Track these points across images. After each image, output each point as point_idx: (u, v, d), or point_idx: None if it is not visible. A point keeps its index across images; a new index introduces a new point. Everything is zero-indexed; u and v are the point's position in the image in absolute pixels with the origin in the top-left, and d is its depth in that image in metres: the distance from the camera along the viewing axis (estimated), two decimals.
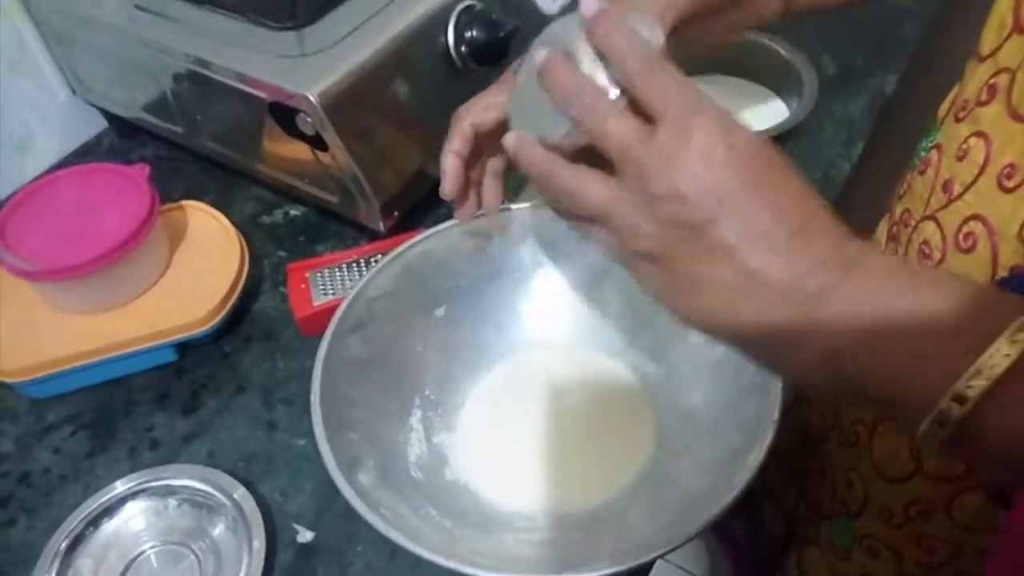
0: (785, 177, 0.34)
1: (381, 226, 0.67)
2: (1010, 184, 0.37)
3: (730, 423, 0.50)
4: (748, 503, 0.46)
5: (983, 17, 0.43)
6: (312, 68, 0.60)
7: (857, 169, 0.78)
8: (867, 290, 0.31)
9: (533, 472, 0.56)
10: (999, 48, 0.39)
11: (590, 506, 0.53)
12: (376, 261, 0.64)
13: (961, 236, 0.39)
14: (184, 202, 0.71)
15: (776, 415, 0.46)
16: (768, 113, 0.75)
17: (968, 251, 0.39)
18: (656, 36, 0.40)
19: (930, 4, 0.94)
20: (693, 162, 0.32)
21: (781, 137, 0.70)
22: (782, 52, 0.75)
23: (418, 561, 0.51)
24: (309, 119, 0.60)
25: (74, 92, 0.81)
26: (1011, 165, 0.37)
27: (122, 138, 0.84)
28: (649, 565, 0.52)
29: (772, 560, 0.61)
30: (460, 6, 0.66)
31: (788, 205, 0.33)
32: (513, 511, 0.54)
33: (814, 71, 0.73)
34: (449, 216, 0.58)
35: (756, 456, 0.45)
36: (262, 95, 0.61)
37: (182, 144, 0.77)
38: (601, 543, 0.50)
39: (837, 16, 0.93)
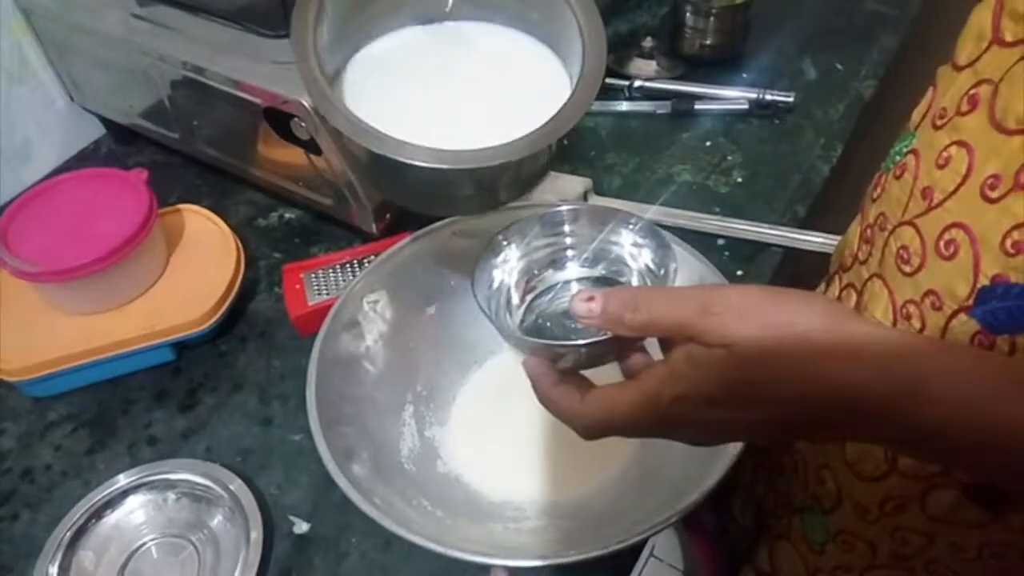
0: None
1: (374, 228, 0.69)
2: (993, 194, 0.37)
3: None
4: (718, 495, 0.48)
5: (957, 23, 0.44)
6: None
7: (837, 171, 0.80)
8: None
9: (522, 464, 0.57)
10: (978, 59, 0.40)
11: (578, 496, 0.55)
12: (369, 262, 0.65)
13: (942, 243, 0.40)
14: (181, 206, 0.72)
15: None
16: (547, 87, 0.48)
17: (949, 258, 0.39)
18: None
19: (908, 10, 0.97)
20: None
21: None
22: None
23: (411, 551, 0.53)
24: (303, 124, 0.62)
25: (72, 99, 0.83)
26: (994, 176, 0.37)
27: (119, 144, 0.86)
28: (635, 550, 0.54)
29: (743, 552, 0.63)
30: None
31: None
32: (503, 501, 0.56)
33: (599, 25, 0.46)
34: (439, 218, 0.60)
35: (735, 445, 0.47)
36: (257, 100, 0.63)
37: (178, 150, 0.79)
38: (588, 530, 0.51)
39: (817, 22, 0.95)
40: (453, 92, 0.48)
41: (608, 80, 0.88)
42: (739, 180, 0.78)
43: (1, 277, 0.67)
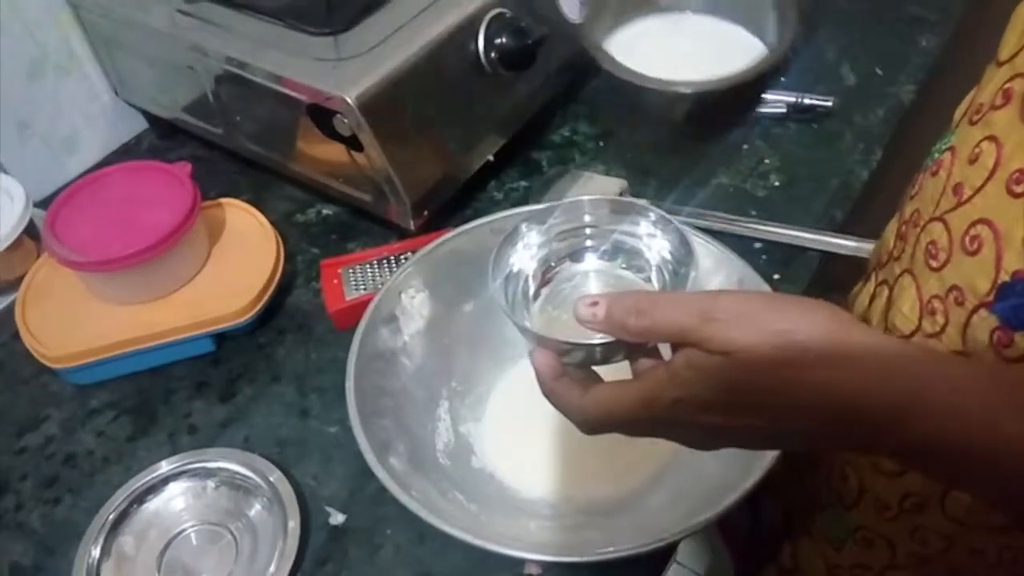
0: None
1: (411, 225, 0.70)
2: (1019, 189, 0.37)
3: None
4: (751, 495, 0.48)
5: (1000, 26, 0.44)
6: (349, 72, 0.63)
7: (876, 176, 0.79)
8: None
9: (557, 462, 0.58)
10: (1017, 54, 0.40)
11: (612, 495, 0.55)
12: (406, 258, 0.66)
13: (967, 239, 0.40)
14: (222, 199, 0.74)
15: None
16: (745, 50, 0.74)
17: (973, 254, 0.40)
18: None
19: (947, 14, 0.96)
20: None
21: (763, 77, 0.70)
22: None
23: (446, 544, 0.53)
24: (346, 120, 0.62)
25: (117, 94, 0.84)
26: (1020, 171, 0.37)
27: (161, 138, 0.87)
28: (664, 553, 0.54)
29: (770, 552, 0.63)
30: (490, 14, 0.69)
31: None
32: (538, 499, 0.56)
33: (795, 8, 0.70)
34: (476, 216, 0.60)
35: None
36: (301, 97, 0.64)
37: (220, 144, 0.80)
38: (623, 529, 0.52)
39: (856, 27, 0.95)
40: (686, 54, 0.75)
41: None
42: (776, 184, 0.78)
43: (47, 266, 0.68)
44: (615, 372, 0.41)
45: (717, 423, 0.35)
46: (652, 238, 0.47)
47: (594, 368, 0.42)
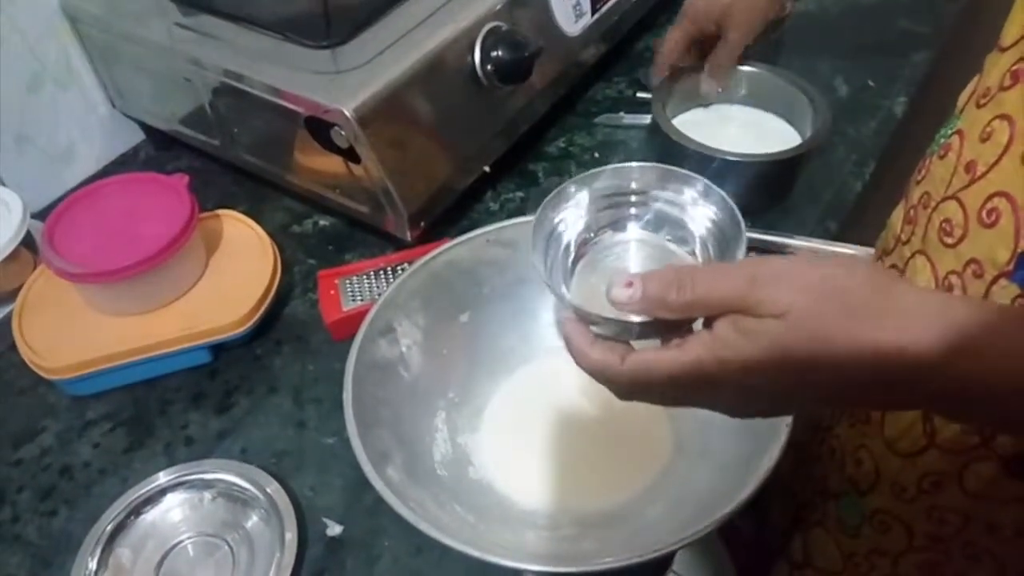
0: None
1: (408, 236, 0.70)
2: None
3: (746, 426, 0.52)
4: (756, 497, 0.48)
5: (990, 40, 0.45)
6: (347, 84, 0.64)
7: (869, 188, 0.80)
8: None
9: (554, 473, 0.58)
10: (1023, 38, 0.42)
11: (610, 505, 0.55)
12: (403, 269, 0.66)
13: (984, 212, 0.41)
14: (219, 211, 0.74)
15: (790, 418, 0.48)
16: (783, 138, 0.79)
17: (991, 226, 0.41)
18: None
19: (938, 28, 0.97)
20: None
21: (796, 159, 0.72)
22: (793, 83, 0.79)
23: (443, 556, 0.53)
24: (343, 132, 0.63)
25: (114, 105, 0.85)
26: None
27: (158, 150, 0.88)
28: (665, 561, 0.54)
29: (776, 551, 0.63)
30: (487, 27, 0.69)
31: None
32: (535, 509, 0.56)
33: (826, 101, 0.76)
34: (472, 227, 0.61)
35: (770, 457, 0.47)
36: (299, 109, 0.65)
37: (217, 156, 0.80)
38: (621, 539, 0.52)
39: (849, 41, 0.96)
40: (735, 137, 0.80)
41: (640, 94, 0.89)
42: (767, 199, 0.78)
43: (44, 277, 0.68)
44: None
45: (763, 385, 0.35)
46: (695, 208, 0.45)
47: None
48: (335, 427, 0.62)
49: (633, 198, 0.47)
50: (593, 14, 0.81)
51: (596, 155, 0.83)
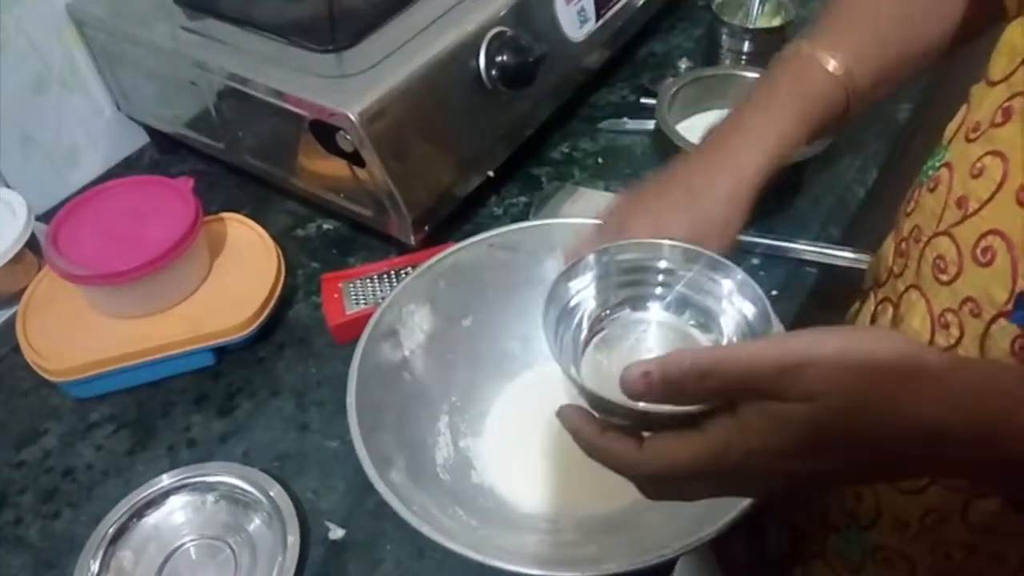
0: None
1: (412, 240, 0.70)
2: None
3: None
4: (750, 522, 0.46)
5: (994, 45, 0.45)
6: (352, 88, 0.64)
7: (871, 193, 0.80)
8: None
9: (556, 478, 0.58)
10: (1012, 74, 0.41)
11: (612, 510, 0.55)
12: (406, 273, 0.66)
13: (979, 250, 0.41)
14: (224, 214, 0.74)
15: None
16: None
17: (987, 265, 0.40)
18: None
19: None
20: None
21: (799, 165, 0.72)
22: None
23: (444, 559, 0.53)
24: (348, 136, 0.63)
25: (119, 109, 0.85)
26: None
27: (163, 153, 0.88)
28: (666, 569, 0.54)
29: None
30: (491, 32, 0.69)
31: None
32: (537, 514, 0.56)
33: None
34: (476, 231, 0.61)
35: None
36: (304, 113, 0.65)
37: (221, 159, 0.80)
38: (622, 545, 0.52)
39: None
40: None
41: (644, 100, 0.89)
42: (772, 202, 0.78)
43: (48, 279, 0.68)
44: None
45: (798, 468, 0.33)
46: (730, 302, 0.42)
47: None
48: (338, 430, 0.62)
49: (660, 277, 0.45)
50: (598, 20, 0.81)
51: (599, 160, 0.84)
